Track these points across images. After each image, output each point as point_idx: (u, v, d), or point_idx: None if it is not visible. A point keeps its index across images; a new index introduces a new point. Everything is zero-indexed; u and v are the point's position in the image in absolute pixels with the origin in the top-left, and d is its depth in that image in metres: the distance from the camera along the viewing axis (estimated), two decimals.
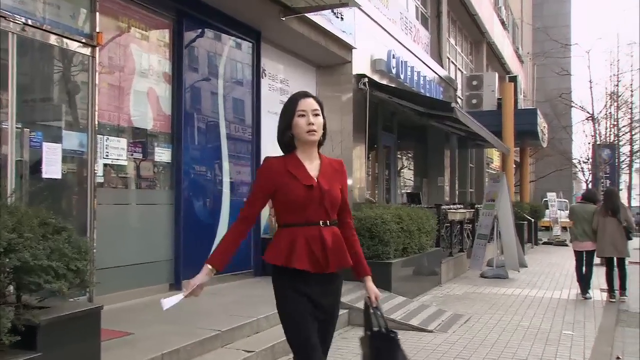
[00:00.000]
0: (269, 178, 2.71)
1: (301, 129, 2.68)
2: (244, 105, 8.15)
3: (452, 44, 18.56)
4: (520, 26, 30.42)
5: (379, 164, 12.71)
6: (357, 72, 10.06)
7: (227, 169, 7.65)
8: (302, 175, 2.68)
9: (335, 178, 2.77)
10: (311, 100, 2.73)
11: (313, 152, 2.76)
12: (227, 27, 7.72)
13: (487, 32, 20.68)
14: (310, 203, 2.65)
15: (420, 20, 15.36)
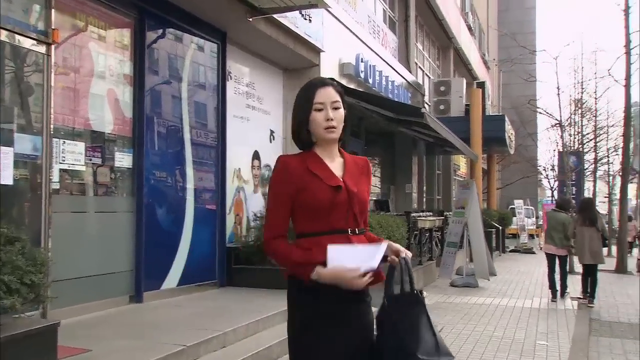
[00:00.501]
0: (288, 178, 2.30)
1: (318, 125, 2.32)
2: (209, 109, 7.99)
3: (420, 49, 18.69)
4: (486, 32, 30.90)
5: None
6: (325, 76, 9.97)
7: (191, 175, 7.47)
8: (326, 175, 2.31)
9: (362, 179, 2.43)
10: (330, 90, 2.35)
11: (334, 149, 2.40)
12: (191, 26, 7.56)
13: (454, 37, 20.93)
14: (337, 207, 2.28)
15: (388, 24, 15.42)
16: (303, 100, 2.37)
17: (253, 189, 9.15)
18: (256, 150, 9.24)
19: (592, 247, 9.38)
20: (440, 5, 18.27)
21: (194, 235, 7.45)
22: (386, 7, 15.48)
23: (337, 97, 2.35)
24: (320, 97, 2.33)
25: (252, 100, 9.18)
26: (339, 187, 2.29)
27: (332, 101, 2.33)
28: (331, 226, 2.27)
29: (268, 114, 9.60)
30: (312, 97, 2.33)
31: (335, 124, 2.32)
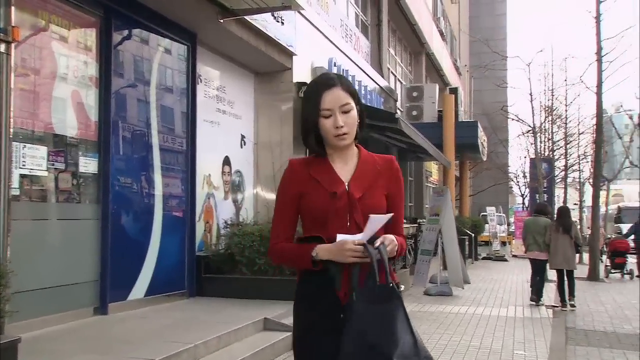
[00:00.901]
0: (293, 183, 2.23)
1: (328, 132, 2.18)
2: (178, 113, 7.84)
3: (392, 54, 18.76)
4: (458, 38, 31.23)
5: None
6: (298, 80, 9.92)
7: (159, 181, 7.31)
8: (327, 180, 2.20)
9: (378, 182, 2.23)
10: (338, 93, 2.17)
11: (348, 151, 2.25)
12: (160, 27, 7.42)
13: (426, 42, 21.07)
14: (336, 215, 2.15)
15: (360, 29, 15.43)
16: (309, 106, 2.21)
17: (223, 196, 9.01)
18: (227, 156, 9.11)
19: (565, 253, 9.89)
20: (412, 10, 18.36)
21: (162, 243, 7.29)
22: (358, 10, 15.49)
23: (346, 99, 2.18)
24: (327, 103, 2.16)
25: (223, 104, 9.05)
26: (335, 194, 2.17)
27: (341, 105, 2.16)
28: (329, 234, 2.16)
29: (239, 118, 9.49)
30: (318, 103, 2.17)
31: (347, 130, 2.17)
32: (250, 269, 7.71)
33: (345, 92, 2.18)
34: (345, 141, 2.19)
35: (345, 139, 2.18)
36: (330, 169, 2.23)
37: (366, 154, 2.30)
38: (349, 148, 2.25)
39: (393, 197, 2.28)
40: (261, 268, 7.65)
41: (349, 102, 2.18)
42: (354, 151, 2.28)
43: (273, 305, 7.03)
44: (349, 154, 2.26)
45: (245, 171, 9.57)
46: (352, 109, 2.18)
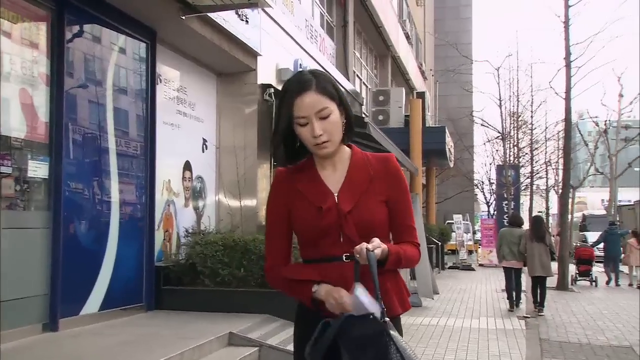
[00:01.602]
0: (280, 196, 2.10)
1: (306, 141, 2.04)
2: (137, 115, 7.59)
3: (358, 56, 18.74)
4: (423, 41, 31.48)
5: None
6: (263, 82, 9.76)
7: (115, 187, 7.04)
8: (313, 193, 2.06)
9: (373, 188, 2.07)
10: (311, 97, 1.99)
11: (337, 153, 2.10)
12: (117, 23, 7.16)
13: (392, 45, 21.12)
14: (325, 232, 2.01)
15: (325, 29, 15.35)
16: (280, 114, 2.05)
17: (184, 203, 8.78)
18: (187, 161, 8.88)
19: (542, 261, 10.68)
20: (378, 11, 18.39)
21: (119, 253, 7.02)
22: (324, 11, 15.42)
23: (323, 103, 2.00)
24: (300, 110, 2.00)
25: (184, 106, 8.83)
26: (320, 209, 2.02)
27: (317, 110, 1.99)
28: (322, 253, 2.04)
29: (201, 121, 9.27)
30: (290, 110, 2.01)
31: (327, 137, 2.01)
32: (213, 280, 7.52)
33: (322, 94, 2.01)
34: (326, 150, 2.04)
35: (326, 148, 2.03)
36: (317, 178, 2.09)
37: (359, 155, 2.14)
38: (338, 152, 2.10)
39: (394, 202, 2.11)
40: (225, 279, 7.47)
41: (326, 107, 2.01)
42: (344, 154, 2.13)
43: (238, 318, 6.87)
44: (338, 158, 2.11)
45: (207, 177, 9.35)
46: (330, 114, 2.01)
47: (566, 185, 16.18)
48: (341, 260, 2.01)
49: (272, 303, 7.25)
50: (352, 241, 1.98)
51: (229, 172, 9.18)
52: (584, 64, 21.25)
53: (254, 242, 7.52)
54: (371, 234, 1.99)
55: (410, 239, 2.14)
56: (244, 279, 7.44)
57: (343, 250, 2.00)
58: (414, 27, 28.28)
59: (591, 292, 14.89)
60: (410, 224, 2.16)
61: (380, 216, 2.07)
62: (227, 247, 7.50)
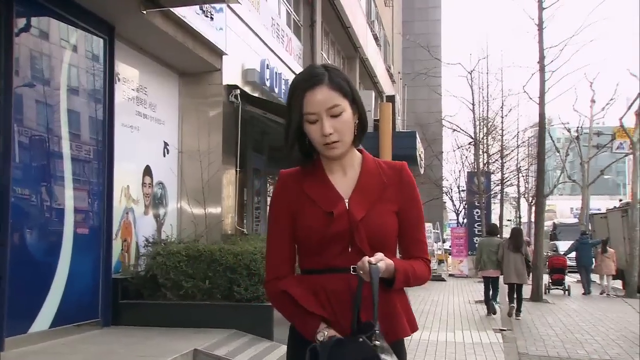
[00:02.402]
0: (285, 201, 2.02)
1: (314, 141, 1.97)
2: (93, 116, 7.35)
3: (325, 57, 18.67)
4: (391, 43, 31.64)
5: (247, 190, 12.26)
6: (228, 83, 9.64)
7: (69, 195, 6.80)
8: (322, 197, 1.98)
9: (386, 196, 2.01)
10: (323, 93, 1.93)
11: (348, 157, 2.03)
12: (72, 16, 6.93)
13: (361, 47, 21.11)
14: (334, 240, 1.93)
15: (292, 29, 15.24)
16: (291, 111, 1.98)
17: (144, 210, 8.57)
18: (148, 166, 8.68)
19: (517, 268, 11.82)
20: (347, 11, 18.36)
21: (73, 265, 6.78)
22: (291, 9, 15.31)
23: (335, 100, 1.94)
24: (310, 106, 1.93)
25: (144, 107, 8.62)
26: (332, 214, 1.94)
27: (327, 107, 1.93)
28: (326, 263, 1.94)
29: (162, 123, 9.08)
30: (300, 106, 1.94)
31: (337, 137, 1.94)
32: (175, 293, 7.33)
33: (334, 90, 1.94)
34: (336, 151, 1.96)
35: (335, 148, 1.96)
36: (327, 182, 2.02)
37: (371, 160, 2.07)
38: (348, 155, 2.03)
39: (406, 213, 2.04)
40: (188, 292, 7.29)
41: (339, 104, 1.94)
42: (354, 157, 2.06)
43: (203, 334, 6.71)
44: (348, 162, 2.04)
45: (169, 183, 9.16)
46: (342, 112, 1.95)
47: (540, 192, 16.35)
48: (348, 272, 1.92)
49: (240, 317, 7.15)
50: (361, 252, 1.90)
51: (192, 178, 9.00)
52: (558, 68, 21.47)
53: (220, 252, 7.37)
54: (382, 245, 1.95)
55: (420, 254, 2.09)
56: (209, 291, 7.29)
57: (350, 261, 1.92)
58: (382, 28, 28.39)
59: (566, 303, 15.05)
60: (421, 238, 2.11)
61: (392, 227, 2.01)
62: (191, 258, 7.35)
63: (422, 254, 2.09)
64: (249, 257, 7.29)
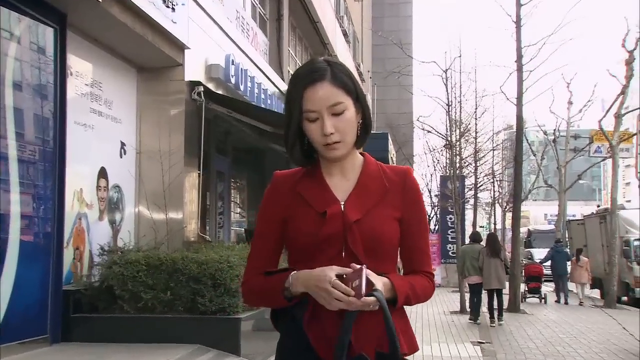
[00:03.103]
0: (277, 202, 2.00)
1: (314, 140, 1.94)
2: (42, 114, 7.11)
3: (292, 54, 18.58)
4: (360, 40, 31.70)
5: (210, 194, 12.09)
6: (190, 79, 9.47)
7: (16, 199, 6.56)
8: (316, 198, 1.96)
9: (387, 201, 1.98)
10: (324, 89, 1.90)
11: (349, 160, 2.01)
12: (19, 2, 6.66)
13: (329, 43, 21.10)
14: (327, 243, 1.90)
15: (258, 23, 15.10)
16: (290, 108, 1.96)
17: (98, 216, 8.34)
18: (103, 167, 8.47)
19: (497, 274, 12.77)
20: (315, 5, 18.31)
21: (18, 276, 6.54)
22: (256, 1, 15.18)
23: (337, 97, 1.90)
24: (310, 103, 1.90)
25: (99, 104, 8.39)
26: (325, 214, 1.92)
27: (329, 105, 1.90)
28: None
29: (119, 122, 8.85)
30: (299, 103, 1.92)
31: (339, 138, 1.91)
32: (133, 305, 7.16)
33: (336, 87, 1.91)
34: (337, 152, 1.94)
35: (336, 149, 1.94)
36: (323, 184, 2.00)
37: (373, 164, 2.06)
38: (349, 157, 2.02)
39: (409, 222, 2.02)
40: (148, 304, 7.12)
41: (341, 102, 1.92)
42: (356, 161, 2.04)
43: (164, 350, 6.60)
44: (349, 164, 2.03)
45: (126, 186, 8.94)
46: (345, 110, 1.92)
47: (518, 197, 16.47)
48: (341, 278, 1.85)
49: (204, 331, 7.03)
50: (355, 257, 1.89)
51: (152, 181, 8.81)
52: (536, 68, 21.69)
53: (182, 260, 7.23)
54: (378, 251, 1.93)
55: (423, 267, 2.06)
56: (170, 303, 7.14)
57: (344, 266, 1.85)
58: (352, 24, 28.44)
59: (544, 314, 15.17)
60: (425, 248, 2.09)
61: (391, 233, 1.97)
62: (151, 267, 7.19)
63: (426, 267, 2.06)
64: (215, 266, 7.16)
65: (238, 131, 12.36)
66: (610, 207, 18.38)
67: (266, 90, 13.07)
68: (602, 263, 20.35)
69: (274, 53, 16.01)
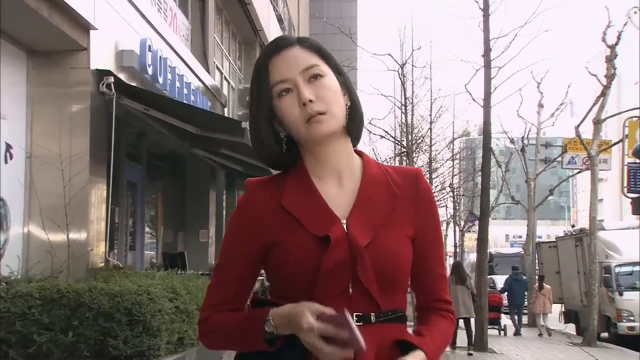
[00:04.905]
0: (249, 225, 1.88)
1: (290, 120, 1.84)
2: None
3: (218, 41, 18.37)
4: (297, 28, 31.71)
5: (120, 210, 11.71)
6: (97, 67, 9.21)
7: None
8: (310, 216, 1.83)
9: (399, 215, 1.87)
10: (295, 53, 1.87)
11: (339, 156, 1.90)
12: None
13: (262, 30, 21.02)
14: (328, 277, 1.77)
15: (177, 2, 14.82)
16: (254, 87, 1.91)
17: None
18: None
19: (464, 302, 14.24)
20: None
21: None
22: None
23: (311, 60, 1.86)
24: (278, 72, 1.86)
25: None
26: (328, 238, 1.78)
27: (302, 69, 1.84)
28: None
29: (2, 118, 8.51)
30: (265, 78, 1.87)
31: (323, 107, 1.82)
32: (22, 351, 6.87)
33: (308, 50, 1.89)
34: (323, 125, 1.82)
35: (322, 123, 1.82)
36: (314, 194, 1.88)
37: (374, 165, 1.96)
38: (343, 154, 1.91)
39: (424, 240, 1.92)
40: (42, 349, 6.82)
41: (316, 64, 1.87)
42: (352, 160, 1.94)
43: None
44: (343, 163, 1.92)
45: (13, 199, 8.60)
46: (323, 75, 1.86)
47: (485, 214, 16.57)
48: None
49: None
50: (366, 294, 1.79)
51: (49, 193, 8.50)
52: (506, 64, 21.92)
53: (89, 292, 6.99)
54: (394, 284, 1.84)
55: (441, 296, 1.98)
56: (72, 347, 6.88)
57: (352, 306, 1.77)
58: (287, 8, 28.39)
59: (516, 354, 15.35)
60: (442, 272, 2.01)
61: (407, 258, 1.88)
62: (47, 302, 6.93)
63: (445, 296, 1.99)
64: (131, 298, 6.97)
65: (155, 133, 12.24)
66: (589, 227, 18.60)
67: (189, 85, 12.89)
68: (578, 293, 20.72)
69: (197, 39, 15.78)
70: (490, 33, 16.34)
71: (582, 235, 20.67)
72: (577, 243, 21.35)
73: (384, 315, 1.80)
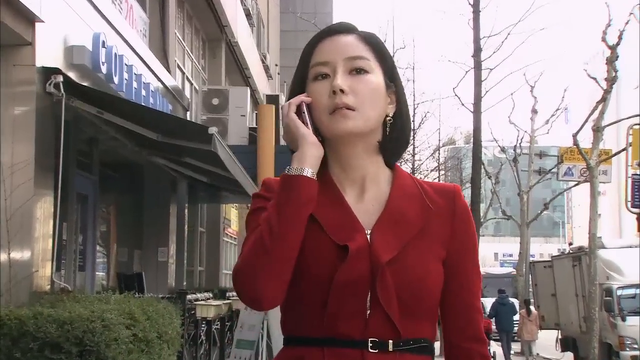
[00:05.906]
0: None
1: (319, 105, 1.87)
2: None
3: (180, 38, 18.34)
4: (266, 24, 31.72)
5: (68, 225, 11.59)
6: (44, 65, 9.11)
7: None
8: (333, 222, 1.84)
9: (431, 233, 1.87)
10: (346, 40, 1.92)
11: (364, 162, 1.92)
12: None
13: (228, 25, 20.99)
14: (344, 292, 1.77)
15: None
16: (298, 67, 1.98)
17: None
18: None
19: None
20: None
21: None
22: None
23: (361, 51, 1.90)
24: (321, 54, 1.92)
25: None
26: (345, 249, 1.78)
27: (347, 57, 1.88)
28: (329, 330, 1.76)
29: None
30: (309, 56, 1.94)
31: (353, 102, 1.84)
32: None
33: (363, 42, 1.93)
34: (348, 121, 1.84)
35: (348, 118, 1.85)
36: (339, 200, 1.89)
37: (407, 177, 1.98)
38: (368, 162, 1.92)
39: (458, 259, 1.91)
40: None
41: (365, 57, 1.90)
42: (381, 170, 1.96)
43: None
44: (371, 171, 1.93)
45: None
46: (371, 72, 1.89)
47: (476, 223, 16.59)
48: (364, 348, 1.76)
49: None
50: (385, 317, 1.78)
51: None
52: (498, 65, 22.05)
53: (34, 319, 6.83)
54: (418, 307, 1.82)
55: (473, 333, 1.94)
56: None
57: (368, 330, 1.77)
58: (256, 2, 28.38)
59: None
60: (477, 304, 1.98)
61: (436, 281, 1.87)
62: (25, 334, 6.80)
63: (477, 334, 1.94)
64: (83, 326, 6.81)
65: (109, 139, 12.20)
66: (588, 245, 18.55)
67: (148, 85, 12.85)
68: (576, 318, 20.74)
69: (157, 35, 15.73)
70: (480, 31, 16.42)
71: (581, 254, 20.64)
72: (574, 263, 21.33)
73: (404, 344, 1.77)
